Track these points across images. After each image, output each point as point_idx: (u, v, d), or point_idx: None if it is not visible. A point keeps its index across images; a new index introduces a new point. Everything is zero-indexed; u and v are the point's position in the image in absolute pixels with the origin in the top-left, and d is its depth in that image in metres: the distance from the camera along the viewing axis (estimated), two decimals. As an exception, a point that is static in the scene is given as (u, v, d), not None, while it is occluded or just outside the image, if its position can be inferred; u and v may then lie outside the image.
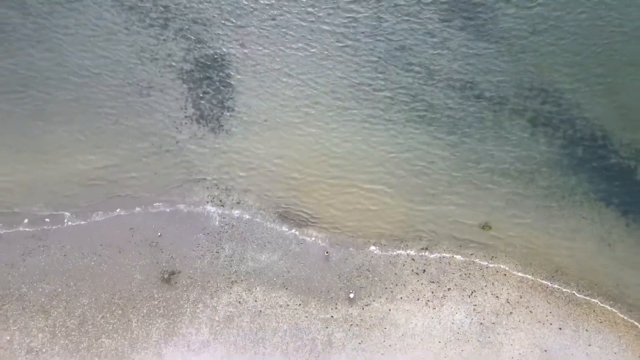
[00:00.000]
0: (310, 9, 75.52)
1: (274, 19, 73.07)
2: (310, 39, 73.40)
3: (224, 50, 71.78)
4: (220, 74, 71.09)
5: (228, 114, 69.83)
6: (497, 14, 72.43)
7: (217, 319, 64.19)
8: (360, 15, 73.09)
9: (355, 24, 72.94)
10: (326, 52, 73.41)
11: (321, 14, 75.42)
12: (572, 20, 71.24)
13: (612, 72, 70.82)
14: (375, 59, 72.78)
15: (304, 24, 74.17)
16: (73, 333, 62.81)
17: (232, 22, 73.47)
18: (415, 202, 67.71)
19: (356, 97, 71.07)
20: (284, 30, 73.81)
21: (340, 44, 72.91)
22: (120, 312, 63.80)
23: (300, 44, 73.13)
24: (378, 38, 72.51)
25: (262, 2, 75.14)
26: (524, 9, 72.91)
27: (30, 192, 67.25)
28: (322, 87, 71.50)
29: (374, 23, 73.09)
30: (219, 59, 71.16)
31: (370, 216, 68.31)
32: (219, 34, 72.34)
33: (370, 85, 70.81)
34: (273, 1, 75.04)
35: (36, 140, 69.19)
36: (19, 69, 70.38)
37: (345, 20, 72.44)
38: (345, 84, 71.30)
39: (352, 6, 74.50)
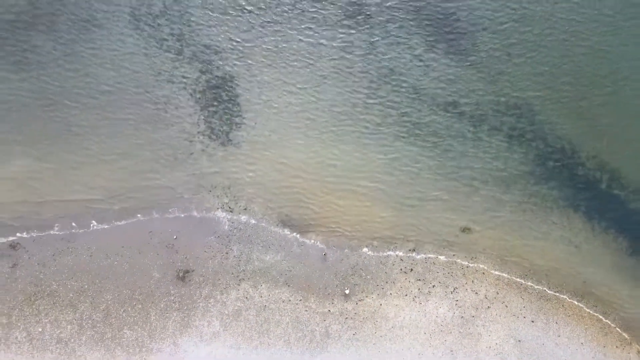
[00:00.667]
0: (310, 40, 78.63)
1: (276, 46, 76.84)
2: (310, 64, 77.24)
3: (232, 72, 75.96)
4: (229, 93, 75.05)
5: (236, 129, 74.16)
6: (477, 41, 76.75)
7: (226, 312, 69.49)
8: (355, 41, 77.25)
9: (351, 49, 77.16)
10: (325, 74, 77.24)
11: (320, 45, 78.34)
12: (543, 46, 75.95)
13: (580, 92, 74.63)
14: (368, 79, 76.64)
15: (304, 51, 77.93)
16: (98, 325, 67.88)
17: (240, 48, 77.07)
18: (404, 209, 72.28)
19: (351, 114, 75.26)
20: (286, 55, 77.42)
21: (338, 68, 77.00)
22: (140, 306, 68.83)
23: (301, 67, 77.15)
24: (371, 61, 76.69)
25: (266, 30, 78.37)
26: (501, 37, 76.75)
27: (58, 199, 71.08)
28: (321, 105, 75.84)
29: (368, 48, 77.02)
30: (227, 80, 75.36)
31: (363, 221, 72.58)
32: (228, 57, 76.19)
33: (364, 103, 75.22)
34: (277, 29, 78.25)
35: (64, 150, 72.82)
36: (50, 85, 73.86)
37: (342, 45, 76.79)
38: (342, 102, 75.68)
39: (347, 35, 78.47)
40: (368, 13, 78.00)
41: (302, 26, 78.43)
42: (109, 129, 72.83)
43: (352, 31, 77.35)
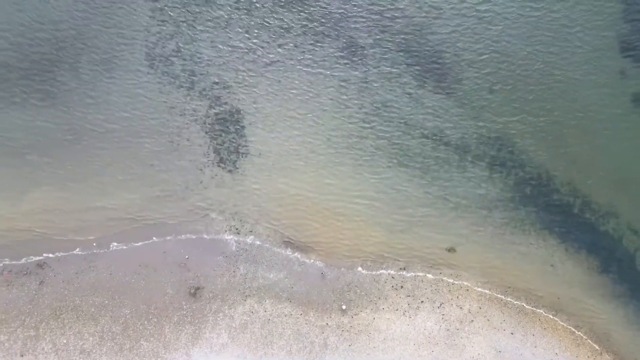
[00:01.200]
0: (310, 75, 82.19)
1: (279, 81, 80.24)
2: (310, 97, 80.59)
3: (239, 105, 79.68)
4: (236, 126, 78.80)
5: (242, 158, 78.16)
6: (461, 77, 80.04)
7: (234, 325, 74.05)
8: (351, 76, 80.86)
9: (347, 83, 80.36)
10: (323, 106, 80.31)
11: (319, 80, 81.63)
12: (521, 82, 79.54)
13: (554, 124, 78.38)
14: (363, 111, 79.85)
15: (304, 85, 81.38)
16: (117, 337, 72.28)
17: (245, 83, 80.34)
18: (394, 231, 76.55)
19: (348, 143, 78.91)
20: (288, 88, 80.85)
21: (335, 100, 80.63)
22: (155, 320, 73.39)
23: (301, 100, 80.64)
24: (365, 94, 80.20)
25: (270, 67, 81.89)
26: (484, 74, 79.81)
27: (81, 222, 75.46)
28: (319, 135, 79.58)
29: (362, 82, 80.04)
30: (234, 114, 79.23)
31: (358, 242, 76.78)
32: (234, 92, 79.82)
33: (359, 132, 78.92)
34: (279, 65, 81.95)
35: (85, 176, 76.67)
36: (73, 117, 77.54)
37: (340, 80, 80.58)
38: (339, 131, 79.54)
39: (344, 71, 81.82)
40: (363, 51, 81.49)
41: (303, 62, 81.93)
42: (126, 158, 76.65)
43: (349, 67, 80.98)
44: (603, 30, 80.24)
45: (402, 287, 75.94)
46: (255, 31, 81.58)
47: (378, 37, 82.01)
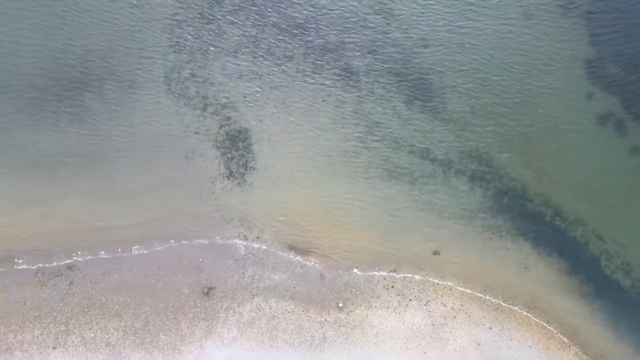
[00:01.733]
0: (310, 98, 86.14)
1: (283, 103, 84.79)
2: (310, 118, 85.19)
3: (246, 125, 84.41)
4: (244, 143, 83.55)
5: (250, 171, 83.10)
6: (446, 100, 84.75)
7: (243, 321, 79.45)
8: (347, 98, 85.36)
9: (343, 105, 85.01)
10: (322, 127, 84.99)
11: (319, 102, 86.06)
12: (499, 103, 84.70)
13: (529, 142, 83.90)
14: (358, 130, 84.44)
15: (305, 106, 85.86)
16: (139, 331, 77.70)
17: (252, 105, 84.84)
18: (386, 237, 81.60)
19: (344, 159, 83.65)
20: (290, 110, 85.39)
21: (333, 120, 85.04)
22: (173, 316, 78.74)
23: (302, 120, 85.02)
24: (359, 115, 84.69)
25: (274, 90, 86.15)
26: (466, 96, 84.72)
27: (106, 228, 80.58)
28: (319, 152, 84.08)
29: (357, 104, 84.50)
30: (242, 132, 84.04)
31: (353, 247, 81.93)
32: (243, 113, 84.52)
33: (354, 149, 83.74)
34: (283, 90, 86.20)
35: (109, 188, 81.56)
36: (98, 136, 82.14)
37: (337, 102, 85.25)
38: (336, 148, 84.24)
39: (341, 93, 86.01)
40: (357, 76, 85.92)
41: (304, 86, 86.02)
42: (146, 172, 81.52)
43: (345, 90, 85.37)
44: (572, 59, 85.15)
45: (392, 287, 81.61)
46: (262, 58, 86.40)
47: (371, 63, 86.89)
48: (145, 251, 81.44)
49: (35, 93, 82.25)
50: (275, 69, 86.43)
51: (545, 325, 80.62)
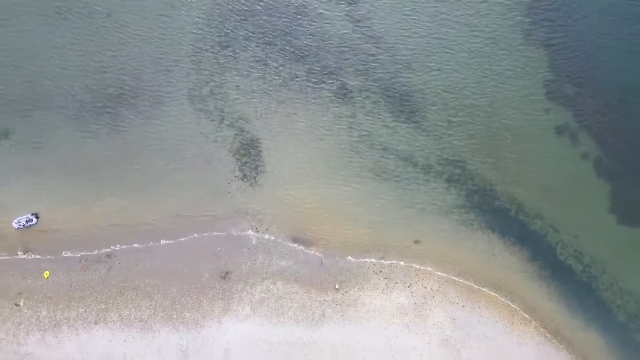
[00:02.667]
0: (311, 112, 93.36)
1: (288, 116, 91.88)
2: (311, 129, 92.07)
3: (257, 135, 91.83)
4: (255, 150, 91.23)
5: (260, 174, 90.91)
6: (426, 114, 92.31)
7: (254, 300, 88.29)
8: (343, 112, 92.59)
9: (340, 118, 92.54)
10: (321, 137, 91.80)
11: (319, 115, 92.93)
12: (471, 116, 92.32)
13: (497, 148, 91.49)
14: (352, 139, 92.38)
15: (307, 119, 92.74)
16: (167, 309, 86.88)
17: (262, 118, 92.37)
18: (375, 229, 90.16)
19: (341, 164, 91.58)
20: (295, 122, 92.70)
21: (331, 130, 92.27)
22: (195, 296, 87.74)
23: (305, 131, 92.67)
24: (353, 126, 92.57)
25: (281, 105, 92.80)
26: (443, 109, 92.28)
27: (138, 223, 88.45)
28: (319, 158, 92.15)
29: (351, 117, 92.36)
30: (254, 140, 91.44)
31: (347, 238, 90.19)
32: (254, 125, 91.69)
33: (349, 156, 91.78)
34: (288, 105, 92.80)
35: (140, 189, 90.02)
36: (132, 143, 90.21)
37: (334, 115, 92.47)
38: (333, 155, 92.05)
39: (338, 108, 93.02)
40: (352, 93, 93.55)
41: (306, 101, 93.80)
42: (172, 174, 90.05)
43: (341, 105, 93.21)
44: (533, 80, 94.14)
45: (380, 271, 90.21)
46: (270, 78, 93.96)
47: (363, 83, 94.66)
48: (171, 242, 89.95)
49: (78, 107, 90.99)
50: (281, 87, 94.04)
51: (510, 303, 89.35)
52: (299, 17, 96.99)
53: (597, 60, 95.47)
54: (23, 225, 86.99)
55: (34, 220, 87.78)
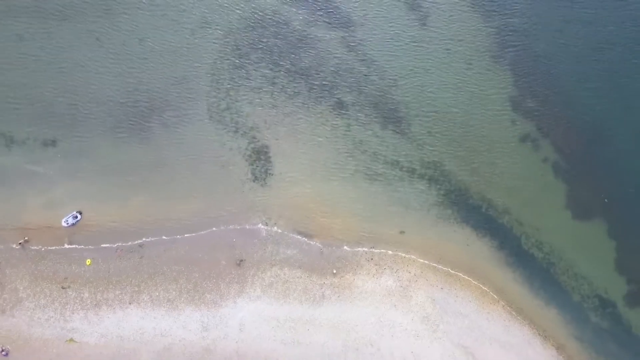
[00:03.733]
0: (312, 123, 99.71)
1: (293, 126, 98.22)
2: (313, 137, 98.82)
3: (267, 142, 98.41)
4: (265, 155, 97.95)
5: (269, 176, 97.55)
6: (411, 124, 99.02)
7: (264, 284, 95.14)
8: (340, 123, 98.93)
9: (337, 128, 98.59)
10: (321, 145, 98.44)
11: (320, 125, 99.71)
12: (448, 126, 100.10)
13: (471, 154, 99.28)
14: (347, 146, 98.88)
15: (309, 129, 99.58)
16: (190, 291, 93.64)
17: (271, 128, 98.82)
18: (367, 223, 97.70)
19: (337, 168, 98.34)
20: (299, 131, 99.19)
21: (329, 139, 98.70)
22: (214, 280, 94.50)
23: (307, 139, 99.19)
24: (349, 135, 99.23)
25: (287, 117, 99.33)
26: (425, 121, 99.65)
27: (166, 219, 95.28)
28: (319, 163, 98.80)
29: (347, 128, 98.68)
30: (264, 147, 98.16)
31: (343, 230, 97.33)
32: (264, 134, 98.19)
33: (344, 161, 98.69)
34: (293, 116, 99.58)
35: (166, 190, 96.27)
36: (161, 151, 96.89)
37: (332, 126, 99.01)
38: (331, 160, 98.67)
39: (335, 119, 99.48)
40: (347, 107, 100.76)
41: (308, 114, 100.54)
42: (194, 177, 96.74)
43: (337, 117, 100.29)
44: (501, 95, 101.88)
45: (371, 259, 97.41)
46: (277, 94, 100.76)
47: (356, 98, 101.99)
48: (193, 234, 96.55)
49: (114, 120, 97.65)
50: (287, 102, 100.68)
51: (481, 286, 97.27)
52: (301, 42, 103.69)
53: (554, 81, 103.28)
54: (72, 224, 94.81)
55: (78, 216, 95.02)
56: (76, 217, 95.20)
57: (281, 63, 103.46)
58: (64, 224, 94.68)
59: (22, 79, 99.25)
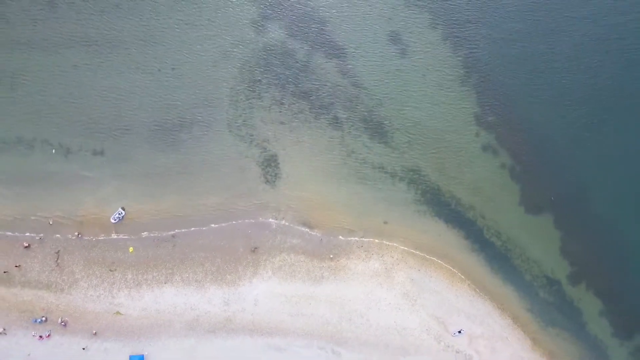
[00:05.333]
0: (312, 133, 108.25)
1: (297, 139, 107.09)
2: (313, 146, 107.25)
3: (275, 151, 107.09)
4: (274, 162, 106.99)
5: (278, 178, 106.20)
6: (394, 135, 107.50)
7: (274, 267, 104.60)
8: (335, 134, 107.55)
9: (332, 141, 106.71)
10: (320, 153, 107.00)
11: (319, 136, 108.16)
12: (420, 136, 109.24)
13: (441, 160, 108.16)
14: (341, 155, 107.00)
15: (311, 139, 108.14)
16: (214, 273, 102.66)
17: (279, 139, 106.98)
18: (358, 217, 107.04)
19: (334, 172, 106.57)
20: (302, 143, 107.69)
21: (326, 149, 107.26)
22: (233, 264, 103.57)
23: (309, 146, 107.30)
24: (343, 146, 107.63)
25: (293, 131, 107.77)
26: (405, 134, 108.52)
27: (194, 213, 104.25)
28: (319, 168, 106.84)
29: (341, 137, 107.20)
30: (273, 156, 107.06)
31: (338, 223, 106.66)
32: (273, 144, 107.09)
33: (339, 167, 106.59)
34: (297, 128, 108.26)
35: (191, 191, 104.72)
36: (188, 157, 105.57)
37: (328, 140, 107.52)
38: (328, 166, 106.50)
39: (332, 130, 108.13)
40: (341, 122, 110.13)
41: (309, 127, 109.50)
42: (216, 180, 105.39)
43: (333, 130, 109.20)
44: (466, 112, 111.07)
45: (362, 246, 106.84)
46: (284, 112, 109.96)
47: (349, 114, 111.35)
48: (216, 226, 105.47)
49: (150, 133, 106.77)
50: (292, 118, 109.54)
51: (451, 268, 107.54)
52: (304, 70, 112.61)
53: (510, 101, 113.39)
54: (118, 220, 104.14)
55: (123, 213, 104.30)
56: (121, 213, 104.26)
57: (287, 87, 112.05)
58: (112, 221, 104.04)
59: (78, 101, 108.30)
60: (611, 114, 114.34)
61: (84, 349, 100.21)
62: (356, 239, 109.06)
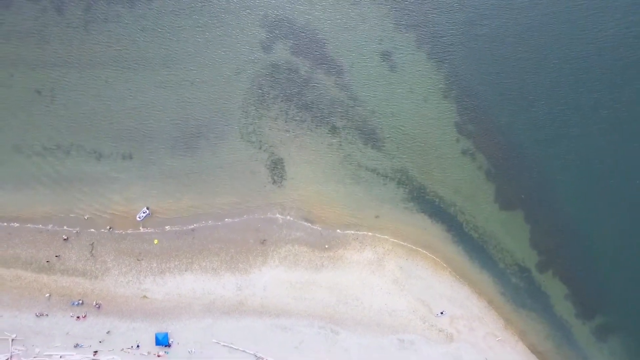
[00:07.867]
0: (312, 141, 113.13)
1: (300, 145, 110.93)
2: (314, 150, 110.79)
3: (281, 156, 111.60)
4: (281, 165, 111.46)
5: (283, 180, 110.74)
6: (385, 142, 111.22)
7: (280, 257, 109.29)
8: (334, 141, 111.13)
9: (330, 146, 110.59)
10: (321, 158, 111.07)
11: (318, 146, 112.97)
12: (408, 142, 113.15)
13: (427, 162, 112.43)
14: (339, 158, 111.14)
15: (312, 145, 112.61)
16: (228, 262, 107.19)
17: (284, 145, 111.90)
18: (353, 213, 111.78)
19: (333, 174, 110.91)
20: (306, 146, 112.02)
21: (326, 154, 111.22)
22: (245, 254, 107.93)
23: (311, 150, 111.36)
24: (340, 151, 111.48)
25: (297, 138, 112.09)
26: (394, 141, 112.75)
27: (209, 210, 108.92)
28: (320, 170, 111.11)
29: (339, 144, 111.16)
30: (280, 159, 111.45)
31: (337, 219, 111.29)
32: (279, 149, 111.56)
33: (337, 169, 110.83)
34: (300, 135, 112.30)
35: (207, 191, 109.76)
36: (200, 164, 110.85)
37: (327, 145, 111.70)
38: (327, 169, 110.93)
39: (330, 137, 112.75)
40: (339, 130, 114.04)
41: (310, 135, 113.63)
42: (229, 181, 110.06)
43: (331, 137, 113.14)
44: (450, 121, 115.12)
45: (357, 238, 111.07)
46: (289, 121, 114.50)
47: (346, 124, 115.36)
48: (230, 221, 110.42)
49: (172, 139, 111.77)
50: (296, 126, 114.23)
51: (434, 257, 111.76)
52: (306, 84, 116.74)
53: (487, 111, 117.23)
54: (143, 218, 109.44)
55: (147, 211, 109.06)
56: (145, 211, 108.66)
57: (292, 99, 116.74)
58: (138, 219, 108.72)
59: (108, 112, 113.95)
60: (575, 118, 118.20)
61: (107, 332, 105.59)
62: (352, 232, 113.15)
